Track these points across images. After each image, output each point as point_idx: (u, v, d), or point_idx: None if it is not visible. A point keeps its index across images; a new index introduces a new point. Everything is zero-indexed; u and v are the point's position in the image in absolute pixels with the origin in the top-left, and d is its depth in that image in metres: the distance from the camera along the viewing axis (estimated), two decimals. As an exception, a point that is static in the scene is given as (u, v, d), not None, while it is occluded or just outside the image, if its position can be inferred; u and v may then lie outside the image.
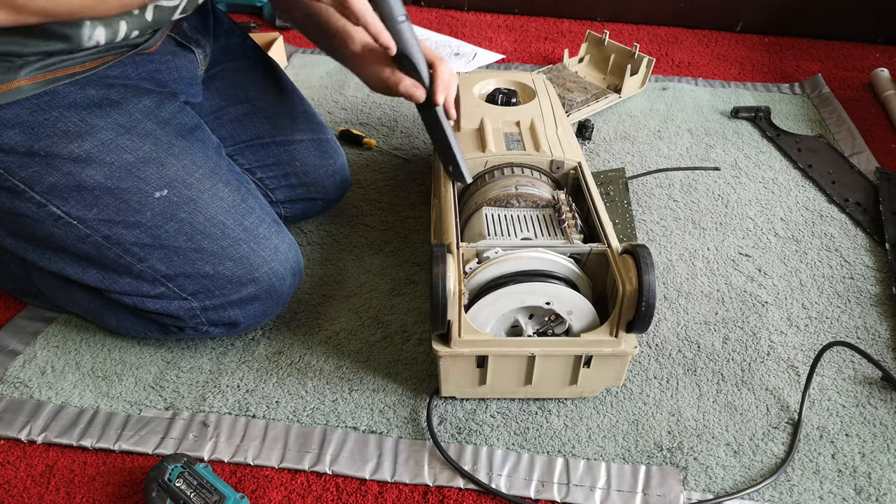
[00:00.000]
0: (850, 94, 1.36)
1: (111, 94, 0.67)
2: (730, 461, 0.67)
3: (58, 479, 0.65)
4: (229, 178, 0.73)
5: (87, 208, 0.65)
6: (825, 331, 0.81)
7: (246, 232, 0.71)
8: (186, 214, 0.68)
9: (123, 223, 0.66)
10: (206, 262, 0.69)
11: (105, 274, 0.69)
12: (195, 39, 0.78)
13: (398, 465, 0.66)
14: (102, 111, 0.66)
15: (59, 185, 0.64)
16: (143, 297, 0.70)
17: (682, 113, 1.26)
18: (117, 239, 0.67)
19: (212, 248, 0.69)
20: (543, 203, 0.73)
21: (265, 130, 0.86)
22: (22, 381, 0.73)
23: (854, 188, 1.05)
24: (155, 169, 0.67)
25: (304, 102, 0.92)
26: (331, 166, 0.91)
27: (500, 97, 0.89)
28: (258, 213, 0.73)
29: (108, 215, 0.66)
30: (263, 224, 0.73)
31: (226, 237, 0.69)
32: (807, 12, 1.58)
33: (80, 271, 0.69)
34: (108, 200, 0.66)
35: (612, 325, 0.63)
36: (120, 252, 0.67)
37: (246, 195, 0.73)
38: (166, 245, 0.68)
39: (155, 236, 0.67)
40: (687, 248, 0.94)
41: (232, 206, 0.71)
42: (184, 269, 0.68)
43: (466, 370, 0.66)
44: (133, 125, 0.67)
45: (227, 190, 0.71)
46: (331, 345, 0.79)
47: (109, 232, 0.66)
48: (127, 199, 0.66)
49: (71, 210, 0.65)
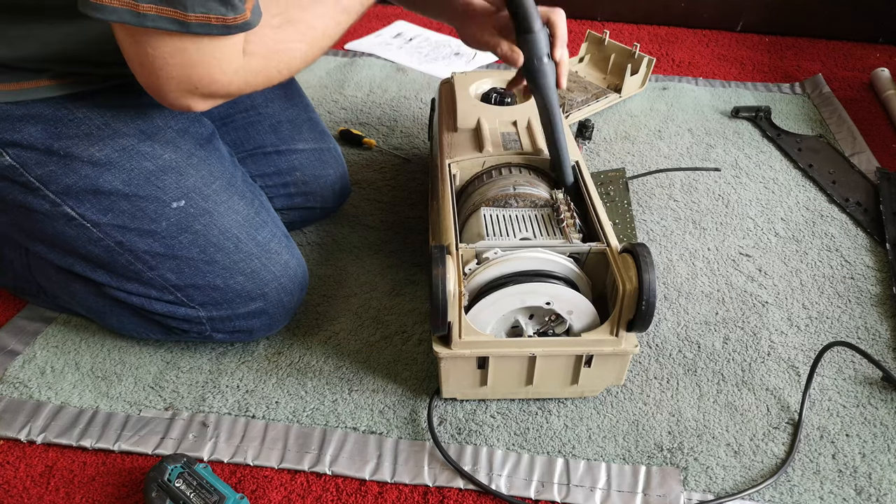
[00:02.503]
0: (850, 93, 1.36)
1: (135, 100, 0.66)
2: (730, 461, 0.67)
3: (57, 479, 0.65)
4: (244, 191, 0.73)
5: (101, 213, 0.65)
6: (825, 331, 0.81)
7: (258, 247, 0.71)
8: (202, 226, 0.68)
9: (138, 231, 0.66)
10: (217, 275, 0.69)
11: (114, 277, 0.69)
12: None
13: (398, 466, 0.66)
14: (126, 115, 0.65)
15: (75, 186, 0.64)
16: (152, 299, 0.69)
17: (683, 113, 1.26)
18: (130, 246, 0.66)
19: (224, 262, 0.69)
20: (542, 203, 0.73)
21: (269, 140, 0.86)
22: (21, 381, 0.73)
23: (854, 188, 1.05)
24: (174, 179, 0.67)
25: (308, 109, 0.92)
26: (331, 176, 0.90)
27: (495, 97, 0.89)
28: (270, 227, 0.73)
29: (122, 221, 0.66)
30: (275, 239, 0.73)
31: (238, 251, 0.69)
32: (807, 12, 1.58)
33: (88, 270, 0.69)
34: (124, 207, 0.65)
35: (613, 324, 0.63)
36: (131, 259, 0.67)
37: (259, 208, 0.74)
38: (179, 256, 0.67)
39: (168, 246, 0.67)
40: (687, 248, 0.94)
41: (246, 219, 0.71)
42: (194, 280, 0.68)
43: (467, 371, 0.66)
44: (155, 132, 0.67)
45: (242, 203, 0.71)
46: (330, 345, 0.78)
47: (122, 238, 0.66)
48: (143, 208, 0.66)
49: (85, 213, 0.65)
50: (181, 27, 0.50)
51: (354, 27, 1.58)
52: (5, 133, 0.61)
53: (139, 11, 0.48)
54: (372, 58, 1.44)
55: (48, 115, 0.62)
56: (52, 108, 0.62)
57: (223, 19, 0.51)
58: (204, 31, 0.51)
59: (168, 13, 0.49)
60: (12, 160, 0.62)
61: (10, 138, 0.61)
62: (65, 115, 0.62)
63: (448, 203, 0.71)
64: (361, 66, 1.39)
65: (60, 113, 0.62)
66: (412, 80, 1.35)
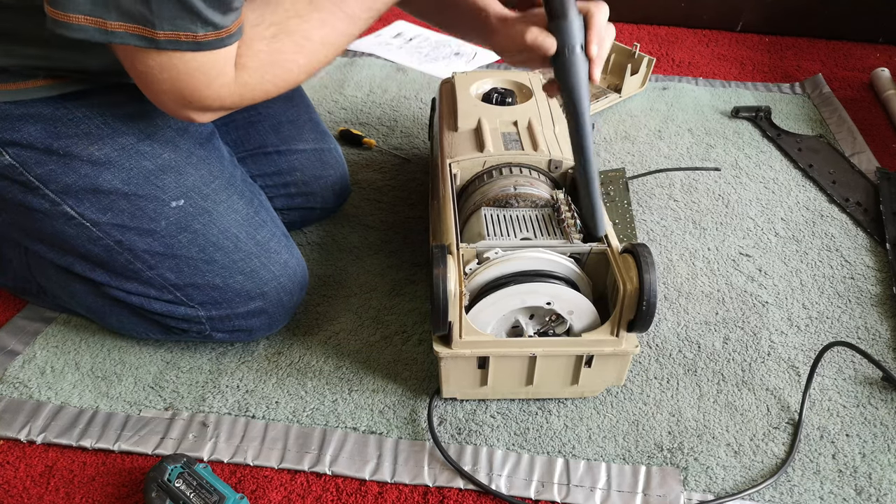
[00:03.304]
0: (850, 93, 1.36)
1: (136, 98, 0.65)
2: (730, 461, 0.67)
3: (57, 479, 0.65)
4: (244, 190, 0.73)
5: (101, 212, 0.65)
6: (826, 331, 0.81)
7: (258, 246, 0.70)
8: (201, 226, 0.68)
9: (137, 230, 0.66)
10: (216, 274, 0.68)
11: (113, 276, 0.69)
12: None
13: (398, 466, 0.66)
14: (126, 114, 0.65)
15: (74, 185, 0.64)
16: (151, 299, 0.69)
17: (683, 113, 1.26)
18: (129, 245, 0.66)
19: (223, 261, 0.69)
20: (542, 203, 0.73)
21: (269, 140, 0.86)
22: (21, 381, 0.73)
23: (855, 188, 1.05)
24: (173, 178, 0.67)
25: (309, 109, 0.92)
26: (331, 177, 0.90)
27: (496, 97, 0.89)
28: (270, 226, 0.73)
29: (122, 220, 0.65)
30: (275, 238, 0.73)
31: (238, 251, 0.69)
32: (807, 12, 1.58)
33: (87, 269, 0.69)
34: (124, 206, 0.65)
35: (613, 324, 0.63)
36: (130, 258, 0.67)
37: (259, 208, 0.73)
38: (178, 255, 0.67)
39: (168, 245, 0.67)
40: (687, 248, 0.94)
41: (245, 219, 0.71)
42: (193, 279, 0.68)
43: (468, 371, 0.66)
44: (154, 131, 0.67)
45: (241, 202, 0.71)
46: (330, 345, 0.78)
47: (122, 237, 0.66)
48: (143, 207, 0.66)
49: (85, 212, 0.65)
50: (150, 44, 0.50)
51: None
52: (5, 132, 0.61)
53: (108, 29, 0.48)
54: (372, 58, 1.43)
55: (47, 115, 0.62)
56: (51, 107, 0.62)
57: (193, 36, 0.50)
58: (173, 47, 0.50)
59: (135, 30, 0.49)
60: (12, 159, 0.62)
61: (9, 137, 0.61)
62: (64, 115, 0.62)
63: (449, 203, 0.71)
64: (361, 66, 1.39)
65: (59, 112, 0.62)
66: (412, 80, 1.35)
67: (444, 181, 0.76)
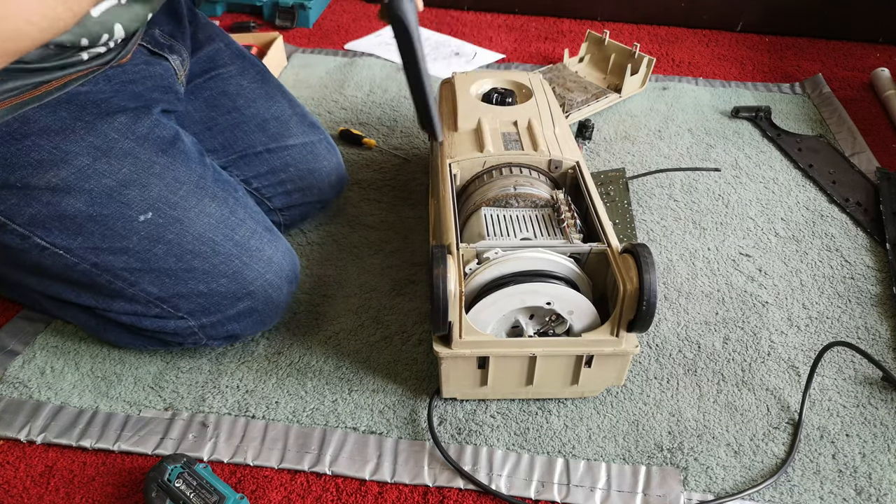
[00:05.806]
0: (850, 93, 1.36)
1: (84, 115, 0.64)
2: (730, 461, 0.67)
3: (57, 479, 0.65)
4: (216, 191, 0.71)
5: (71, 237, 0.64)
6: (826, 331, 0.81)
7: (237, 246, 0.69)
8: (174, 235, 0.66)
9: (110, 249, 0.65)
10: (199, 281, 0.68)
11: (99, 298, 0.68)
12: (168, 46, 0.77)
13: (398, 466, 0.66)
14: (76, 135, 0.63)
15: (39, 215, 0.63)
16: (140, 316, 0.69)
17: (683, 113, 1.26)
18: (106, 266, 0.65)
19: (203, 267, 0.67)
20: (542, 203, 0.73)
21: (257, 139, 0.85)
22: (21, 381, 0.73)
23: (855, 188, 1.05)
24: (137, 191, 0.65)
25: (294, 104, 0.90)
26: (325, 168, 0.89)
27: (496, 97, 0.89)
28: (248, 224, 0.71)
29: (93, 243, 0.64)
30: (255, 236, 0.71)
31: (217, 254, 0.68)
32: (807, 12, 1.58)
33: (74, 296, 0.69)
34: (92, 228, 0.64)
35: (613, 324, 0.63)
36: (110, 278, 0.66)
37: (235, 206, 0.71)
38: (156, 268, 0.66)
39: (144, 260, 0.66)
40: (687, 248, 0.94)
41: (220, 220, 0.69)
42: (177, 289, 0.67)
43: (468, 371, 0.66)
44: (109, 147, 0.65)
45: (214, 205, 0.70)
46: (330, 345, 0.78)
47: (97, 259, 0.65)
48: (111, 226, 0.64)
49: (55, 240, 0.64)
50: None
51: (355, 27, 1.59)
52: None
53: None
54: (372, 58, 1.43)
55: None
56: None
57: None
58: None
59: None
60: None
61: None
62: (12, 147, 0.61)
63: (449, 203, 0.71)
64: (361, 66, 1.39)
65: (6, 145, 0.61)
66: (412, 80, 1.35)
67: (444, 181, 0.76)
